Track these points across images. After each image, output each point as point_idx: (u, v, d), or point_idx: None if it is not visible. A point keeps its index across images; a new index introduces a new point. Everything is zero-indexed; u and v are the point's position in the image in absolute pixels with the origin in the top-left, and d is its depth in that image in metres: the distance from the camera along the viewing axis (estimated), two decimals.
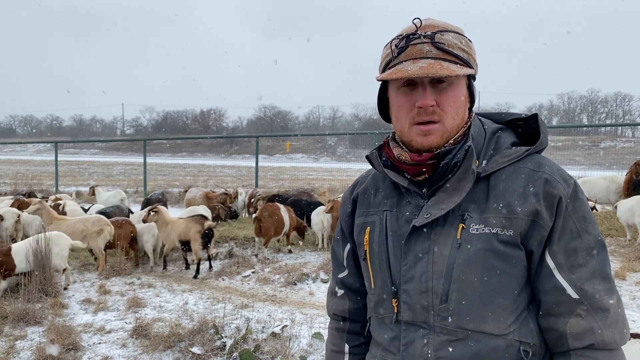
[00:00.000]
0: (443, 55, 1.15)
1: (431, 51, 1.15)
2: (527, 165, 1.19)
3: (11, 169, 30.47)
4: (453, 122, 1.18)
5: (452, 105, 1.17)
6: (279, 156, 44.53)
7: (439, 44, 1.15)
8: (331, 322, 1.52)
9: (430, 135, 1.17)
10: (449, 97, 1.17)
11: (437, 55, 1.15)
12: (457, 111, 1.19)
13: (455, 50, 1.16)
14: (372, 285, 1.30)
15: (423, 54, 1.15)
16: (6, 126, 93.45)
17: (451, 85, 1.17)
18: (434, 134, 1.17)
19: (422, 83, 1.16)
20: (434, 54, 1.15)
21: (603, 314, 1.13)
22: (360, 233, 1.33)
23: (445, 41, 1.16)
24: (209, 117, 76.69)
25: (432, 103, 1.15)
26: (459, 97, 1.18)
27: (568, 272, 1.14)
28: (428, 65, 1.12)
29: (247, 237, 9.35)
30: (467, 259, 1.15)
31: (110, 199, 11.93)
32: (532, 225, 1.14)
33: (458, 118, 1.19)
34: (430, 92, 1.16)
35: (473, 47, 1.23)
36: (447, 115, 1.17)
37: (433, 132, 1.17)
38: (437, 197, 1.20)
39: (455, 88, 1.17)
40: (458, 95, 1.18)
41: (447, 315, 1.16)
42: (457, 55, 1.16)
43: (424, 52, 1.15)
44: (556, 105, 72.11)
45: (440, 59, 1.14)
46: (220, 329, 4.58)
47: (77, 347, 4.46)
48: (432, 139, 1.18)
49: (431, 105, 1.15)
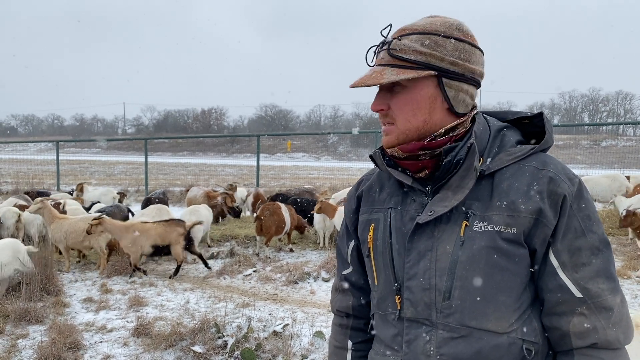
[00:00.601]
0: (393, 61, 1.18)
1: (384, 58, 1.20)
2: (532, 164, 1.18)
3: (12, 168, 30.51)
4: (408, 124, 1.20)
5: (405, 109, 1.20)
6: (280, 155, 44.55)
7: (391, 51, 1.18)
8: (335, 318, 1.53)
9: (387, 136, 1.24)
10: (400, 100, 1.20)
11: (388, 62, 1.19)
12: (414, 113, 1.20)
13: (407, 54, 1.16)
14: (376, 282, 1.30)
15: (379, 62, 1.21)
16: (7, 125, 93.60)
17: (405, 88, 1.19)
18: (389, 134, 1.24)
19: (379, 89, 1.23)
20: (386, 60, 1.19)
21: (607, 313, 1.12)
22: (365, 230, 1.33)
23: (400, 46, 1.17)
24: (210, 116, 76.70)
25: (380, 107, 1.23)
26: (415, 99, 1.19)
27: (572, 270, 1.14)
28: (371, 73, 1.19)
29: (248, 236, 9.36)
30: (470, 256, 1.15)
31: (102, 197, 11.61)
32: (535, 224, 1.14)
33: (415, 120, 1.20)
34: (381, 97, 1.22)
35: (449, 44, 1.18)
36: (398, 117, 1.21)
37: (389, 132, 1.24)
38: (440, 195, 1.20)
39: (410, 91, 1.19)
40: (414, 98, 1.19)
41: (450, 313, 1.16)
42: (406, 59, 1.16)
43: (379, 60, 1.21)
44: (557, 104, 72.09)
45: (387, 65, 1.18)
46: (222, 327, 4.58)
47: (79, 346, 4.46)
48: (387, 139, 1.24)
49: (380, 110, 1.23)
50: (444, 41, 1.18)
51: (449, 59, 1.17)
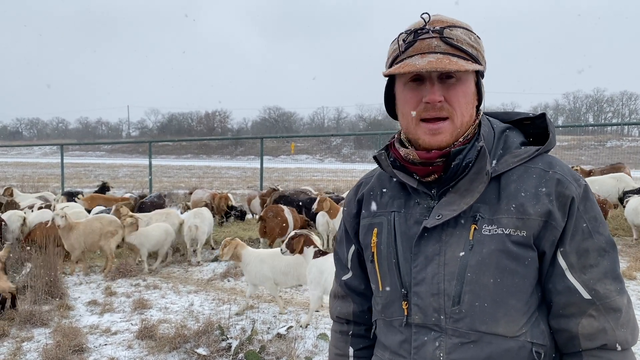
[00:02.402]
0: (452, 50, 1.13)
1: (439, 46, 1.13)
2: (538, 165, 1.17)
3: (18, 171, 30.63)
4: (462, 119, 1.16)
5: (461, 102, 1.15)
6: (283, 157, 44.53)
7: (447, 39, 1.13)
8: (334, 325, 1.50)
9: (440, 135, 1.15)
10: (458, 92, 1.14)
11: (446, 50, 1.12)
12: (466, 108, 1.16)
13: (464, 45, 1.14)
14: (380, 288, 1.27)
15: (431, 49, 1.12)
16: (13, 129, 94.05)
17: (460, 81, 1.14)
18: (443, 133, 1.15)
19: (430, 78, 1.13)
20: (443, 48, 1.12)
21: (615, 314, 1.12)
22: (367, 234, 1.30)
23: (454, 36, 1.14)
24: (214, 118, 76.78)
25: (440, 98, 1.13)
26: (467, 93, 1.16)
27: (580, 272, 1.13)
28: (437, 59, 1.10)
29: (252, 238, 9.36)
30: (480, 260, 1.13)
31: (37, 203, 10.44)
32: (544, 226, 1.12)
33: (467, 115, 1.17)
34: (438, 88, 1.13)
35: (482, 43, 1.21)
36: (456, 111, 1.15)
37: (442, 130, 1.15)
38: (447, 198, 1.17)
39: (464, 84, 1.15)
40: (467, 91, 1.16)
41: (460, 318, 1.14)
42: (465, 50, 1.14)
43: (432, 47, 1.13)
44: (562, 104, 71.79)
45: (449, 54, 1.12)
46: (226, 330, 4.58)
47: (83, 349, 4.47)
48: (441, 138, 1.15)
49: (439, 101, 1.13)
50: (478, 39, 1.19)
51: (484, 57, 1.20)
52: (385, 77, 1.24)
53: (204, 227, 7.90)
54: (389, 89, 1.27)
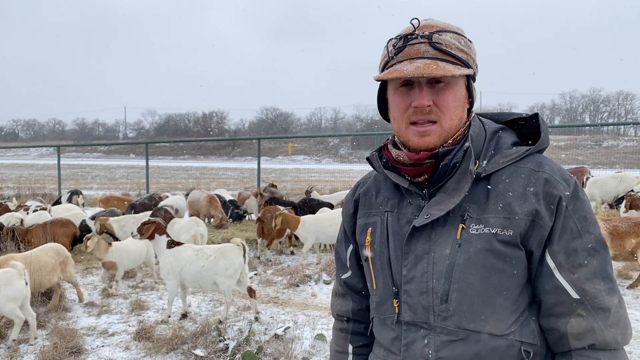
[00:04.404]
0: (440, 55, 1.15)
1: (428, 51, 1.15)
2: (528, 165, 1.18)
3: (14, 173, 30.56)
4: (451, 122, 1.18)
5: (450, 106, 1.17)
6: (281, 158, 44.52)
7: (436, 44, 1.15)
8: (335, 322, 1.53)
9: (428, 136, 1.18)
10: (447, 97, 1.16)
11: (434, 55, 1.14)
12: (455, 111, 1.18)
13: (452, 50, 1.16)
14: (374, 286, 1.30)
15: (420, 54, 1.15)
16: (9, 130, 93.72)
17: (449, 85, 1.16)
18: (431, 135, 1.18)
19: (419, 83, 1.16)
20: (431, 54, 1.14)
21: (604, 314, 1.12)
22: (362, 234, 1.33)
23: (443, 41, 1.16)
24: (211, 119, 76.67)
25: (428, 103, 1.15)
26: (457, 97, 1.18)
27: (568, 272, 1.14)
28: (424, 65, 1.12)
29: (249, 239, 9.35)
30: (467, 259, 1.14)
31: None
32: (531, 226, 1.14)
33: (456, 118, 1.19)
34: (426, 92, 1.16)
35: (473, 47, 1.22)
36: (445, 115, 1.17)
37: (430, 132, 1.17)
38: (437, 198, 1.19)
39: (453, 88, 1.17)
40: (456, 95, 1.18)
41: (448, 316, 1.16)
42: (454, 55, 1.15)
43: (421, 52, 1.15)
44: (558, 104, 72.00)
45: (437, 59, 1.14)
46: (223, 331, 4.58)
47: (81, 350, 4.47)
48: (429, 140, 1.18)
49: (427, 105, 1.15)
50: (469, 43, 1.21)
51: (475, 61, 1.21)
52: (376, 81, 1.26)
53: (206, 235, 7.81)
54: (382, 92, 1.30)
